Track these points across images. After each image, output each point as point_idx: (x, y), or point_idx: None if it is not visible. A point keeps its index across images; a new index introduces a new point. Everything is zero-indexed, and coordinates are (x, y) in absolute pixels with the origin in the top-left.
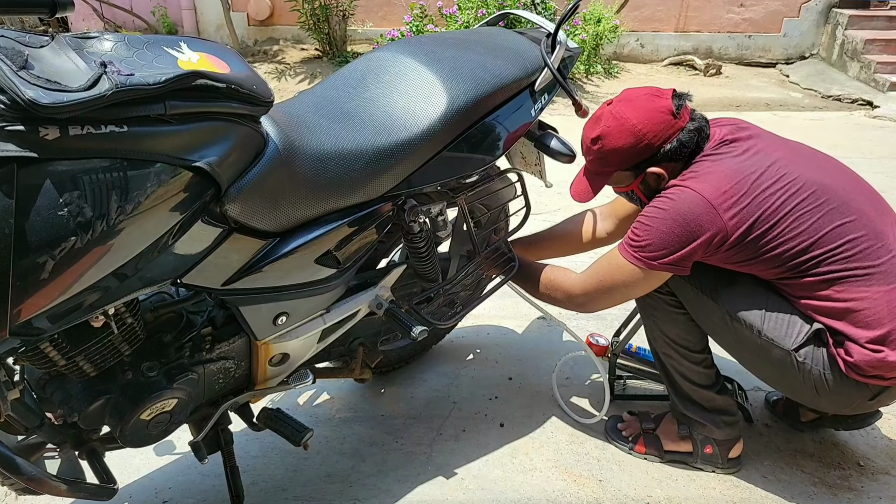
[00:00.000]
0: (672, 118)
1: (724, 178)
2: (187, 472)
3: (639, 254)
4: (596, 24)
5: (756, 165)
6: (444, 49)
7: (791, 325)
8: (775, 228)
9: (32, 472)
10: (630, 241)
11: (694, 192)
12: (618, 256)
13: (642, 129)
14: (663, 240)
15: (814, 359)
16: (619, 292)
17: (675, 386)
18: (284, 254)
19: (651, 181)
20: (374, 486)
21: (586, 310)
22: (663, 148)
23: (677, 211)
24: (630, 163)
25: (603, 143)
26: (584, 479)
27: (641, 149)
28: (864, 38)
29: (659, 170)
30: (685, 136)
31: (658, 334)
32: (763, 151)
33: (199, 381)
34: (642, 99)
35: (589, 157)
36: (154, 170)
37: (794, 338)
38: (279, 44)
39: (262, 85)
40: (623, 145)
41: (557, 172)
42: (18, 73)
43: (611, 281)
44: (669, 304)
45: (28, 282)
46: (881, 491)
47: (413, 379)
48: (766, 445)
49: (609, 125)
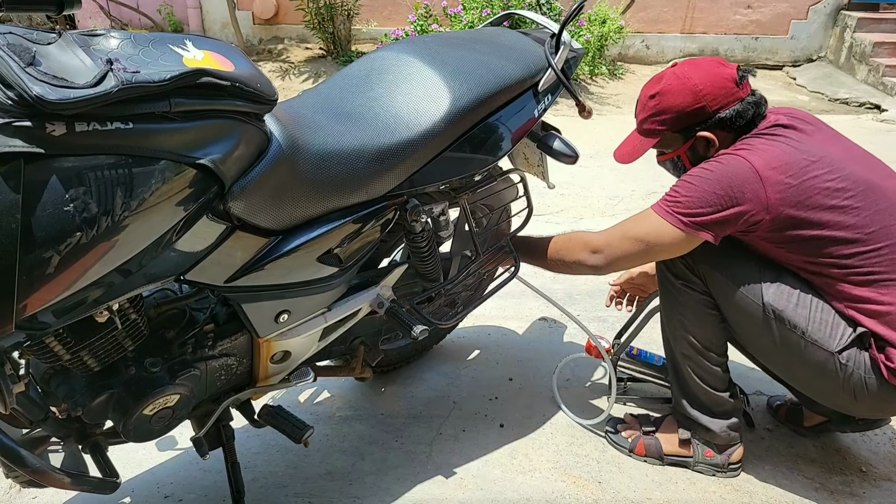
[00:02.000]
0: (734, 86)
1: (776, 155)
2: (189, 468)
3: (673, 209)
4: (601, 24)
5: (810, 153)
6: (447, 49)
7: (835, 326)
8: (820, 216)
9: (37, 464)
10: (667, 197)
11: (744, 160)
12: (649, 212)
13: (703, 90)
14: (703, 198)
15: (856, 362)
16: (642, 249)
17: (686, 388)
18: (287, 252)
19: (700, 148)
20: (374, 485)
21: (602, 267)
22: (719, 113)
23: (723, 173)
24: (683, 123)
25: (661, 99)
26: (584, 480)
27: (697, 110)
28: (873, 40)
29: (710, 135)
30: (742, 107)
31: (681, 334)
32: (818, 143)
33: (201, 378)
34: (708, 64)
35: (643, 115)
36: (159, 167)
37: (838, 339)
38: (284, 43)
39: (266, 83)
40: (680, 103)
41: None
42: (26, 69)
43: (635, 233)
44: (704, 303)
45: (34, 276)
46: (883, 497)
47: (413, 378)
48: (768, 450)
49: (670, 83)
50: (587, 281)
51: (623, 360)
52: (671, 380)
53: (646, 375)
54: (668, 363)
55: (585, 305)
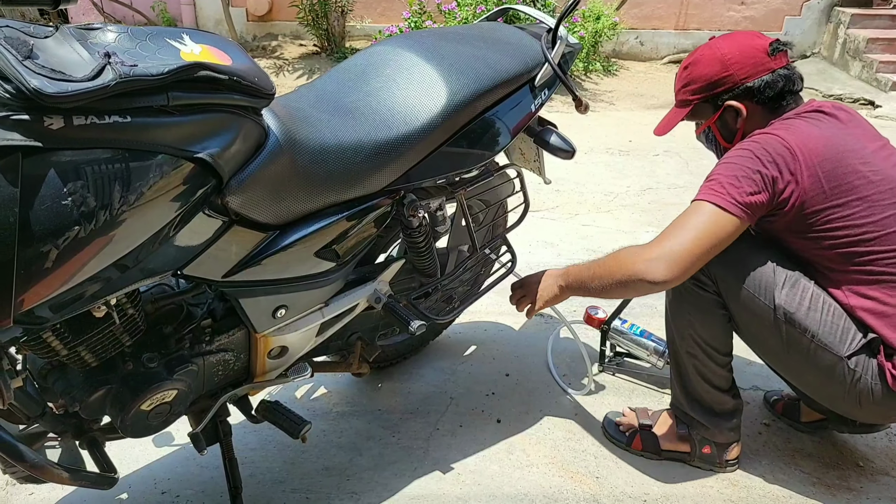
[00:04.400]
0: (766, 56)
1: (814, 138)
2: (186, 464)
3: (715, 189)
4: (595, 21)
5: (848, 143)
6: (444, 43)
7: (846, 332)
8: (846, 208)
9: (35, 459)
10: (708, 180)
11: (781, 139)
12: (696, 203)
13: (731, 59)
14: (743, 174)
15: (864, 368)
16: (704, 243)
17: (688, 387)
18: (284, 247)
19: (729, 118)
20: (371, 480)
21: (668, 278)
22: (746, 82)
23: (761, 149)
24: (712, 91)
25: (692, 69)
26: (581, 475)
27: (725, 77)
28: (867, 36)
29: (738, 104)
30: (772, 77)
31: (688, 333)
32: (858, 136)
33: (198, 373)
34: (742, 36)
35: (677, 86)
36: (156, 161)
37: (847, 344)
38: (278, 39)
39: (263, 77)
40: (709, 72)
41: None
42: (23, 62)
43: (691, 228)
44: (714, 304)
45: (31, 271)
46: (880, 492)
47: (410, 374)
48: (765, 445)
49: (702, 53)
50: None
51: (614, 333)
52: (672, 376)
53: (632, 350)
54: (672, 360)
55: (581, 300)
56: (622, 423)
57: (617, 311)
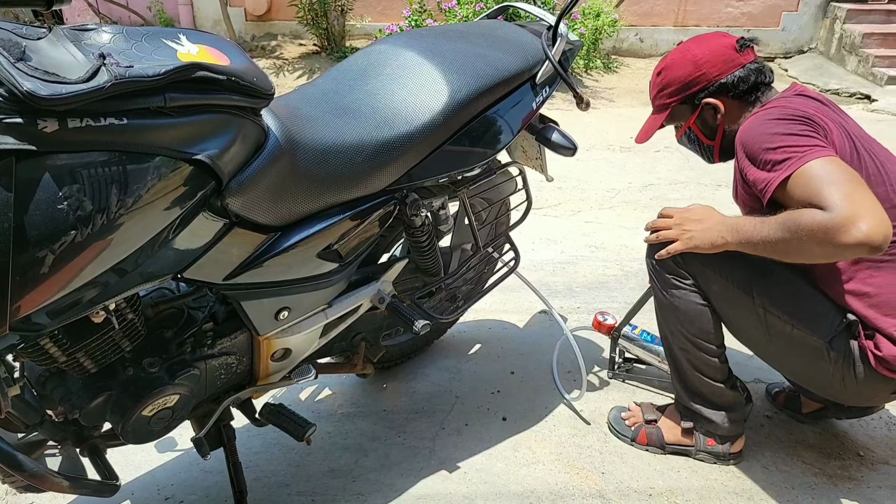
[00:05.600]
0: (735, 53)
1: (811, 106)
2: (189, 469)
3: (801, 147)
4: (595, 18)
5: (832, 119)
6: (445, 42)
7: (824, 316)
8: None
9: (35, 468)
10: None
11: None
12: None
13: (702, 59)
14: (800, 131)
15: (846, 351)
16: (854, 184)
17: (686, 382)
18: (286, 248)
19: (708, 116)
20: (378, 481)
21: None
22: (720, 79)
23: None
24: (687, 92)
25: (665, 73)
26: (587, 471)
27: (698, 77)
28: (863, 31)
29: (715, 101)
30: (744, 73)
31: (677, 329)
32: (838, 116)
33: (200, 377)
34: (710, 37)
35: (652, 93)
36: (154, 163)
37: (827, 329)
38: (277, 39)
39: (262, 77)
40: (682, 74)
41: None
42: (16, 64)
43: (828, 185)
44: (697, 297)
45: (28, 277)
46: (881, 480)
47: (415, 374)
48: (767, 436)
49: (673, 57)
50: (586, 274)
51: (624, 340)
52: (671, 373)
53: (642, 357)
54: (667, 357)
55: (585, 298)
56: (627, 419)
57: (627, 317)
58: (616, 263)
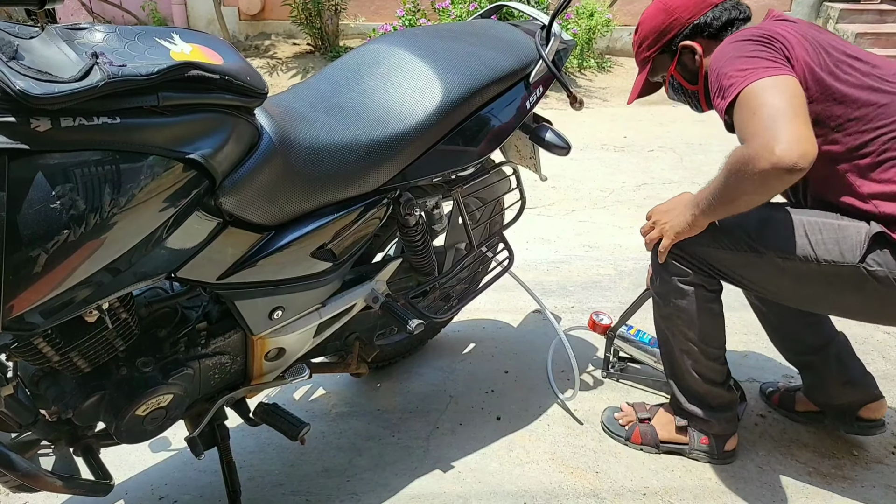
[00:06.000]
0: None
1: (773, 26)
2: (183, 469)
3: (748, 70)
4: (589, 17)
5: (803, 34)
6: (438, 41)
7: (844, 240)
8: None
9: (28, 468)
10: (728, 77)
11: (756, 29)
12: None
13: (672, 4)
14: (751, 52)
15: (884, 262)
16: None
17: (683, 383)
18: (280, 247)
19: (687, 61)
20: (372, 481)
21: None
22: (693, 21)
23: (749, 35)
24: (663, 39)
25: (640, 27)
26: (581, 470)
27: (671, 23)
28: (856, 31)
29: (691, 43)
30: (716, 11)
31: (679, 331)
32: (813, 30)
33: (194, 377)
34: None
35: (634, 51)
36: (147, 162)
37: (854, 250)
38: (271, 39)
39: (255, 76)
40: (655, 23)
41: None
42: (8, 63)
43: (764, 108)
44: (702, 298)
45: (20, 276)
46: (875, 479)
47: (409, 373)
48: (761, 435)
49: (647, 11)
50: (580, 273)
51: (620, 340)
52: (668, 375)
53: (637, 357)
54: (664, 358)
55: (579, 297)
56: (621, 418)
57: (623, 318)
58: (610, 263)
